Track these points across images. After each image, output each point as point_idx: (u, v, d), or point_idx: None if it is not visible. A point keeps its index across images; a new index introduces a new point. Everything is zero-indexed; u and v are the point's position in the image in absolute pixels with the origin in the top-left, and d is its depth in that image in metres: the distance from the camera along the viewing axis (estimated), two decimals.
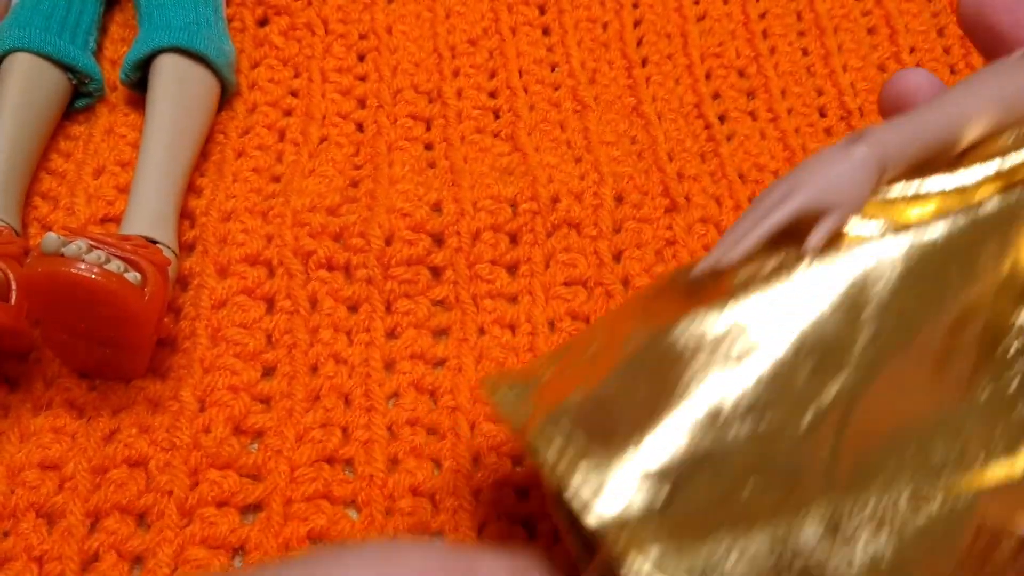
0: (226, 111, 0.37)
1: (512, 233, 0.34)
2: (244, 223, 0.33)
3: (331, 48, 0.39)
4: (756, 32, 0.40)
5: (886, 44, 0.40)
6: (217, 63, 0.35)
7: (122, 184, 0.35)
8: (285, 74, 0.38)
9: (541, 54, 0.39)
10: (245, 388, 0.30)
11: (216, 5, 0.38)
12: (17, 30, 0.35)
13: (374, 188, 0.34)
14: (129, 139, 0.36)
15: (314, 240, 0.33)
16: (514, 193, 0.34)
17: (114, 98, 0.37)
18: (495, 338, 0.32)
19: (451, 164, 0.36)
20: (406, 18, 0.40)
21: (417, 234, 0.33)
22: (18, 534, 0.28)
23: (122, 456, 0.29)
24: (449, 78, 0.38)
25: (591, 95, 0.38)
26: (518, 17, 0.40)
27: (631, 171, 0.35)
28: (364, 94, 0.38)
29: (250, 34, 0.39)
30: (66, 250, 0.26)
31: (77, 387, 0.30)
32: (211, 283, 0.32)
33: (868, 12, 0.41)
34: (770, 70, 0.39)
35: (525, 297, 0.33)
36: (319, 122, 0.37)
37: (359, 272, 0.33)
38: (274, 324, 0.32)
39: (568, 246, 0.34)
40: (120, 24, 0.40)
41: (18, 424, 0.29)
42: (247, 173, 0.35)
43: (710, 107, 0.38)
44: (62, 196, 0.35)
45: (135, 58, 0.35)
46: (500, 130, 0.37)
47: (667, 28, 0.40)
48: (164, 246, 0.31)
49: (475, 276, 0.33)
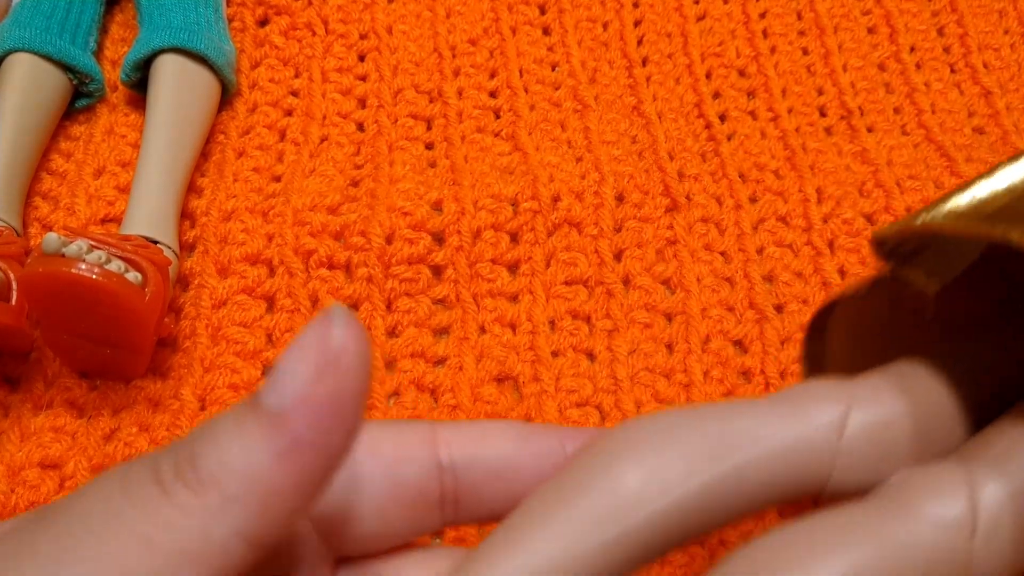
0: (226, 111, 0.37)
1: (513, 232, 0.34)
2: (245, 223, 0.33)
3: (331, 48, 0.39)
4: (756, 31, 0.40)
5: (886, 43, 0.40)
6: (217, 63, 0.35)
7: (123, 184, 0.35)
8: (285, 74, 0.38)
9: (541, 53, 0.39)
10: (246, 387, 0.30)
11: (216, 5, 0.38)
12: (17, 30, 0.35)
13: (375, 187, 0.34)
14: (129, 139, 0.36)
15: (315, 239, 0.33)
16: (515, 192, 0.34)
17: (114, 98, 0.37)
18: (496, 337, 0.32)
19: (452, 163, 0.36)
20: (406, 18, 0.40)
21: (418, 233, 0.33)
22: None
23: (123, 455, 0.29)
24: (450, 78, 0.38)
25: (591, 94, 0.38)
26: (518, 17, 0.40)
27: (632, 170, 0.35)
28: (365, 94, 0.38)
29: (250, 34, 0.39)
30: (67, 250, 0.26)
31: (77, 387, 0.30)
32: (212, 283, 0.32)
33: (868, 11, 0.41)
34: (770, 69, 0.39)
35: (526, 296, 0.33)
36: (320, 122, 0.37)
37: (360, 271, 0.33)
38: (275, 323, 0.32)
39: (569, 245, 0.34)
40: (120, 24, 0.40)
41: (18, 423, 0.29)
42: (248, 173, 0.35)
43: (710, 106, 0.38)
44: (63, 196, 0.35)
45: (135, 58, 0.35)
46: (501, 129, 0.37)
47: (667, 27, 0.40)
48: (165, 246, 0.31)
49: (476, 275, 0.33)
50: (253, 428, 0.15)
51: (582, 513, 0.17)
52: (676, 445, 0.18)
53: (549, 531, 0.17)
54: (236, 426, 0.15)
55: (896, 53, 0.40)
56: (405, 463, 0.18)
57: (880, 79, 0.39)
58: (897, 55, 0.40)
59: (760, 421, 0.18)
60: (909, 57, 0.40)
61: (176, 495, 0.15)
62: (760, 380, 0.31)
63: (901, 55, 0.40)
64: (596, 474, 0.17)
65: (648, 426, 0.18)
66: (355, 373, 0.15)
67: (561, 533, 0.17)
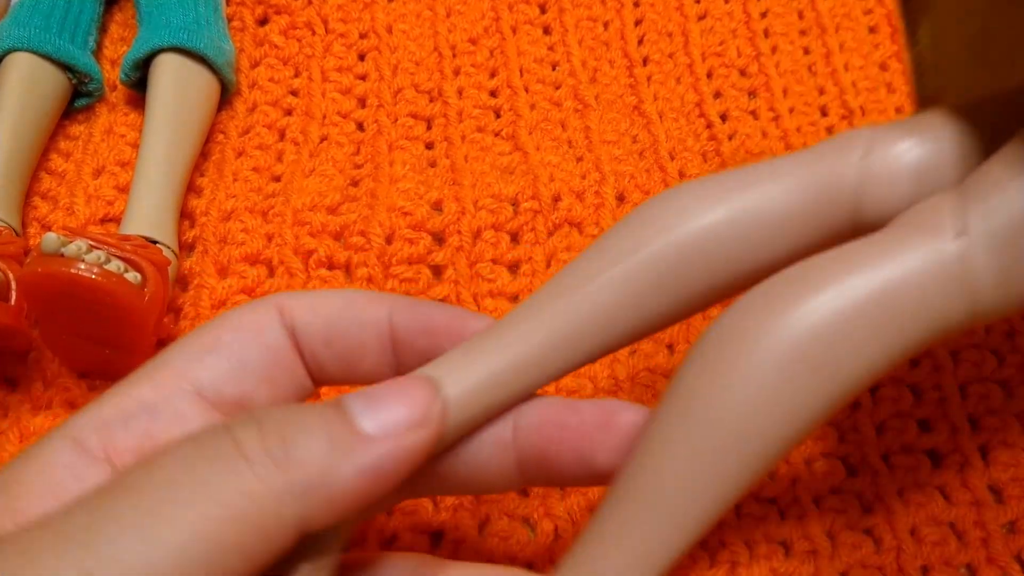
0: (226, 110, 0.37)
1: (513, 232, 0.34)
2: (244, 222, 0.33)
3: (331, 47, 0.39)
4: (757, 31, 0.40)
5: (887, 43, 0.40)
6: (217, 62, 0.35)
7: (122, 184, 0.35)
8: (285, 73, 0.38)
9: (542, 53, 0.39)
10: None
11: (216, 4, 0.38)
12: (16, 29, 0.35)
13: (375, 187, 0.34)
14: (129, 139, 0.36)
15: (314, 239, 0.33)
16: (515, 192, 0.34)
17: (114, 98, 0.37)
18: None
19: (452, 163, 0.36)
20: (406, 17, 0.40)
21: (418, 233, 0.33)
22: None
23: None
24: (450, 77, 0.38)
25: (592, 94, 0.38)
26: (519, 16, 0.40)
27: (632, 170, 0.35)
28: (364, 93, 0.38)
29: (250, 33, 0.39)
30: (66, 250, 0.26)
31: (77, 387, 0.30)
32: (211, 283, 0.32)
33: (869, 11, 0.41)
34: (771, 69, 0.39)
35: (526, 296, 0.33)
36: (319, 121, 0.37)
37: (360, 271, 0.33)
38: None
39: (570, 245, 0.34)
40: (120, 23, 0.40)
41: (17, 424, 0.29)
42: (247, 172, 0.35)
43: (711, 106, 0.38)
44: (62, 196, 0.34)
45: (135, 57, 0.35)
46: (501, 129, 0.37)
47: (668, 27, 0.40)
48: (164, 246, 0.31)
49: (476, 275, 0.33)
50: (342, 437, 0.17)
51: (620, 245, 0.20)
52: (701, 184, 0.20)
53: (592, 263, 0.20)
54: (323, 426, 0.17)
55: (898, 52, 0.40)
56: (263, 332, 0.20)
57: (882, 79, 0.39)
58: (899, 54, 0.40)
59: (778, 163, 0.20)
60: None
61: (261, 466, 0.16)
62: None
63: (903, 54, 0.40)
64: (618, 234, 0.20)
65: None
66: (436, 437, 0.18)
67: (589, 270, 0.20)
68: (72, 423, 0.18)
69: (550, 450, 0.19)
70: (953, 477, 0.29)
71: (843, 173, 0.20)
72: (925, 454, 0.29)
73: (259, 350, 0.20)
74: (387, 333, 0.21)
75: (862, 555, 0.28)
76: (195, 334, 0.20)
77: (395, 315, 0.21)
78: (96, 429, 0.18)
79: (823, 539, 0.28)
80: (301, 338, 0.20)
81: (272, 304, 0.20)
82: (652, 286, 0.20)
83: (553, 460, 0.20)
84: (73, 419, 0.18)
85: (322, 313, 0.20)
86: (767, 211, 0.19)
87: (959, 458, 0.29)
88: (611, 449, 0.19)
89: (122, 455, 0.18)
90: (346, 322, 0.21)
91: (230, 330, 0.20)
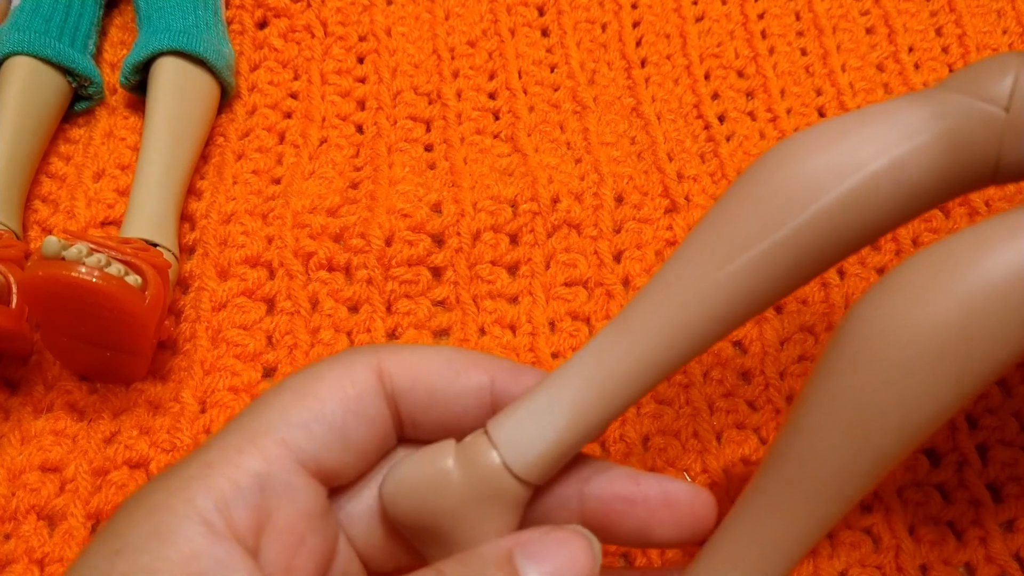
0: (226, 114, 0.37)
1: (512, 234, 0.34)
2: (244, 225, 0.33)
3: (330, 50, 0.39)
4: (755, 32, 0.40)
5: (884, 44, 0.40)
6: (216, 66, 0.35)
7: (122, 187, 0.35)
8: (285, 76, 0.38)
9: (540, 55, 0.39)
10: (246, 389, 0.30)
11: (215, 8, 0.38)
12: (17, 33, 0.35)
13: (374, 189, 0.35)
14: (129, 142, 0.36)
15: (314, 241, 0.33)
16: (514, 194, 0.34)
17: (114, 101, 0.37)
18: (496, 338, 0.32)
19: (451, 165, 0.36)
20: (405, 20, 0.40)
21: (417, 235, 0.33)
22: (19, 537, 0.28)
23: (123, 458, 0.29)
24: (449, 79, 0.38)
25: (590, 96, 0.38)
26: (517, 18, 0.40)
27: (631, 171, 0.36)
28: (364, 96, 0.38)
29: (249, 36, 0.39)
30: (67, 253, 0.26)
31: (78, 390, 0.30)
32: (212, 285, 0.32)
33: (866, 12, 0.41)
34: (769, 70, 0.39)
35: (525, 297, 0.33)
36: (319, 124, 0.37)
37: (359, 273, 0.33)
38: (275, 325, 0.32)
39: (568, 246, 0.34)
40: (119, 27, 0.40)
41: (19, 427, 0.29)
42: (247, 175, 0.35)
43: (709, 107, 0.38)
44: (62, 199, 0.35)
45: (134, 61, 0.35)
46: (500, 131, 0.37)
47: (666, 29, 0.40)
48: (165, 249, 0.31)
49: (475, 276, 0.33)
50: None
51: (763, 208, 0.19)
52: (815, 139, 0.19)
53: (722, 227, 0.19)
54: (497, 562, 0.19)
55: (895, 53, 0.40)
56: (364, 398, 0.20)
57: (879, 79, 0.39)
58: (896, 55, 0.40)
59: (908, 110, 0.19)
60: (907, 57, 0.40)
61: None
62: (760, 380, 0.31)
63: (899, 55, 0.40)
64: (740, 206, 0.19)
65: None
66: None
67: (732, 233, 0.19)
68: (194, 499, 0.18)
69: (612, 520, 0.21)
70: (952, 476, 0.29)
71: (990, 113, 0.18)
72: (924, 453, 0.30)
73: (359, 423, 0.20)
74: (488, 401, 0.21)
75: (861, 554, 0.28)
76: (294, 392, 0.20)
77: (497, 382, 0.21)
78: (219, 509, 0.18)
79: (822, 538, 0.28)
80: (402, 406, 0.21)
81: (371, 366, 0.21)
82: (791, 267, 0.19)
83: (614, 529, 0.21)
84: (190, 490, 0.18)
85: (423, 380, 0.21)
86: (904, 176, 0.18)
87: (957, 457, 0.29)
88: (670, 526, 0.20)
89: (240, 530, 0.18)
90: (448, 391, 0.21)
91: (331, 395, 0.20)
